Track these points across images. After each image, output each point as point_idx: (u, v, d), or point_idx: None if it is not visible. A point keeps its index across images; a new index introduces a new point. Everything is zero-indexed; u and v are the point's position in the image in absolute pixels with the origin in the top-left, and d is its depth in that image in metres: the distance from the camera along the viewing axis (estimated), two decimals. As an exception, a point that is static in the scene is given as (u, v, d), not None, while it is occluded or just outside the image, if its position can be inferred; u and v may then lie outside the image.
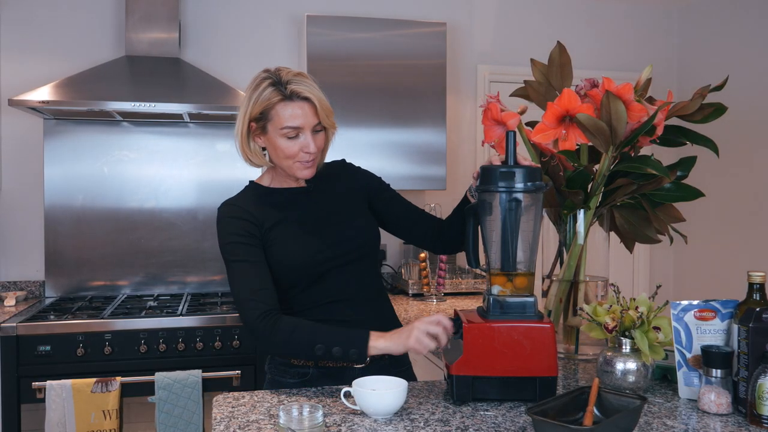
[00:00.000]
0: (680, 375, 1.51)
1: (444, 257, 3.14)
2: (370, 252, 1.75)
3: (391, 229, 1.87)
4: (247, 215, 1.64)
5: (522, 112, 1.78)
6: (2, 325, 2.60)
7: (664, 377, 1.65)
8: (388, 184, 1.87)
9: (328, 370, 1.64)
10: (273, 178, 1.75)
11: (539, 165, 1.60)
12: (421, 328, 1.47)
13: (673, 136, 1.86)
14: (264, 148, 1.69)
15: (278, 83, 1.59)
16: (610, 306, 1.53)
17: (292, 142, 1.61)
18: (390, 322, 1.76)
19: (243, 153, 1.68)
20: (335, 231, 1.69)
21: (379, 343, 1.50)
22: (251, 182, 1.77)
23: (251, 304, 1.55)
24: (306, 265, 1.63)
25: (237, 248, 1.61)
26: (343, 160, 1.85)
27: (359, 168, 1.85)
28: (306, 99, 1.59)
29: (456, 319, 1.51)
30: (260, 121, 1.63)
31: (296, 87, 1.58)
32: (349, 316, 1.67)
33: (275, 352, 1.66)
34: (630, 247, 1.96)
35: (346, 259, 1.67)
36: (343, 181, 1.79)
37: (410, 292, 3.24)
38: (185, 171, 3.36)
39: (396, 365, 1.72)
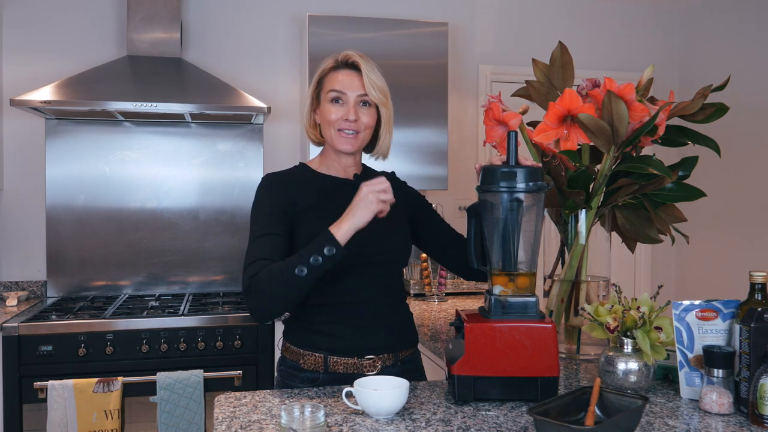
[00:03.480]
0: (682, 375, 1.51)
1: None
2: (397, 260, 1.73)
3: (423, 247, 1.87)
4: (287, 189, 1.66)
5: (523, 112, 1.78)
6: (4, 325, 2.60)
7: (665, 377, 1.65)
8: (430, 204, 1.88)
9: (339, 375, 1.62)
10: (321, 162, 1.76)
11: (540, 165, 1.60)
12: (370, 192, 1.48)
13: (674, 136, 1.86)
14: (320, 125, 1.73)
15: (336, 58, 1.68)
16: (612, 306, 1.52)
17: (335, 108, 1.65)
18: (408, 329, 1.75)
19: (305, 128, 1.75)
20: (369, 232, 1.63)
21: (343, 227, 1.47)
22: (301, 163, 1.78)
23: (248, 271, 1.52)
24: None
25: (261, 217, 1.62)
26: (393, 173, 1.86)
27: (405, 183, 1.87)
28: (353, 65, 1.65)
29: (457, 320, 1.52)
30: (316, 91, 1.70)
31: (348, 53, 1.66)
32: (368, 321, 1.65)
33: (271, 306, 1.50)
34: (632, 247, 1.96)
35: (371, 260, 1.65)
36: None
37: (412, 292, 3.24)
38: (187, 171, 3.36)
39: (410, 371, 1.71)
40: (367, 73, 1.64)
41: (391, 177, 1.83)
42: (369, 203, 1.47)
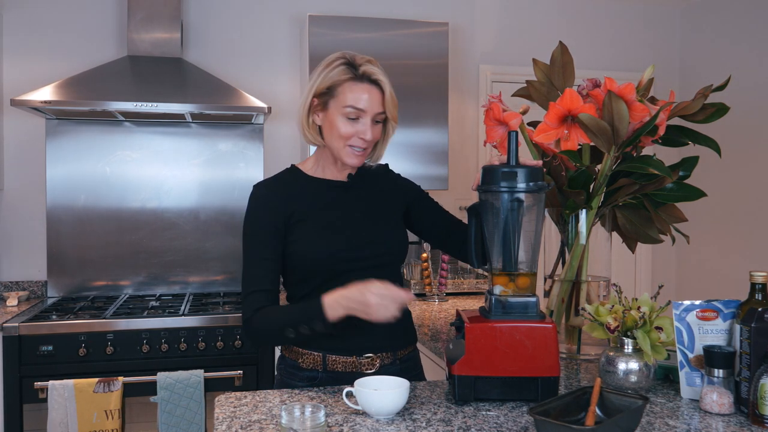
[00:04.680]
0: (682, 375, 1.51)
1: (446, 257, 3.14)
2: (394, 260, 1.72)
3: (426, 237, 1.86)
4: (280, 203, 1.62)
5: (524, 112, 1.78)
6: (5, 325, 2.60)
7: (666, 377, 1.65)
8: (427, 193, 1.86)
9: (338, 374, 1.62)
10: (316, 163, 1.71)
11: (541, 162, 1.59)
12: (377, 298, 1.42)
13: (675, 136, 1.86)
14: (320, 127, 1.65)
15: (351, 64, 1.59)
16: (612, 306, 1.52)
17: (350, 124, 1.59)
18: (406, 327, 1.75)
19: (302, 127, 1.66)
20: (364, 232, 1.66)
21: (338, 309, 1.45)
22: (292, 166, 1.74)
23: (245, 305, 1.58)
24: (326, 260, 1.60)
25: (255, 239, 1.61)
26: (387, 165, 1.84)
27: (399, 175, 1.85)
28: (375, 82, 1.59)
29: (458, 320, 1.52)
30: (324, 97, 1.60)
31: (368, 69, 1.58)
32: (366, 322, 1.65)
33: (262, 347, 1.66)
34: (632, 247, 1.96)
35: (368, 263, 1.64)
36: (383, 185, 1.77)
37: (412, 292, 3.24)
38: (187, 171, 3.36)
39: (409, 369, 1.71)
40: (389, 92, 1.60)
41: (384, 168, 1.83)
42: (367, 313, 1.44)
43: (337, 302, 1.46)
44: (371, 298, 1.41)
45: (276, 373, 1.74)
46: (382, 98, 1.60)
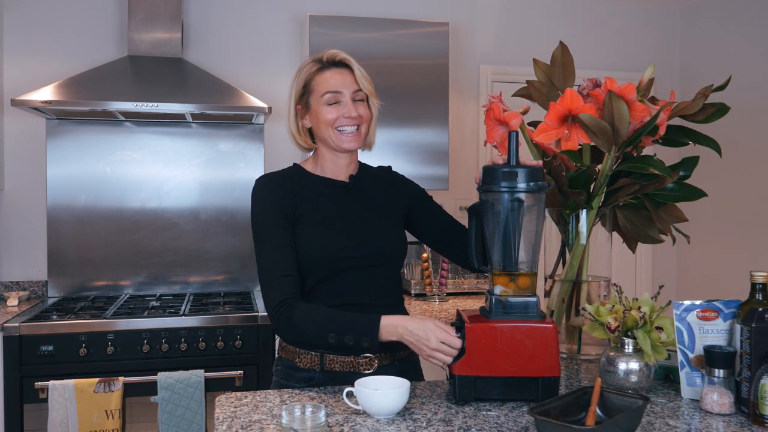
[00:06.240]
0: (683, 375, 1.51)
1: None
2: (392, 261, 1.73)
3: (427, 242, 1.87)
4: (285, 193, 1.65)
5: (524, 112, 1.78)
6: (5, 325, 2.60)
7: (666, 377, 1.65)
8: (431, 197, 1.87)
9: (335, 374, 1.62)
10: (316, 164, 1.74)
11: (541, 164, 1.59)
12: (439, 344, 1.44)
13: (675, 136, 1.86)
14: (310, 129, 1.70)
15: (317, 59, 1.67)
16: (613, 306, 1.52)
17: (332, 108, 1.64)
18: None
19: (292, 136, 1.72)
20: (363, 232, 1.67)
21: (392, 334, 1.48)
22: (295, 164, 1.76)
23: (271, 291, 1.57)
24: (325, 258, 1.61)
25: (269, 228, 1.62)
26: (390, 167, 1.85)
27: (404, 177, 1.86)
28: (342, 63, 1.65)
29: (458, 320, 1.52)
30: (303, 98, 1.67)
31: (330, 52, 1.65)
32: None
33: (291, 339, 1.65)
34: (632, 247, 1.96)
35: (366, 262, 1.65)
36: (386, 187, 1.78)
37: (412, 292, 3.24)
38: (188, 171, 3.36)
39: (408, 371, 1.71)
40: (358, 69, 1.66)
41: (388, 170, 1.84)
42: (420, 349, 1.46)
43: (394, 328, 1.48)
44: (434, 342, 1.44)
45: (273, 374, 1.74)
46: (353, 76, 1.65)
